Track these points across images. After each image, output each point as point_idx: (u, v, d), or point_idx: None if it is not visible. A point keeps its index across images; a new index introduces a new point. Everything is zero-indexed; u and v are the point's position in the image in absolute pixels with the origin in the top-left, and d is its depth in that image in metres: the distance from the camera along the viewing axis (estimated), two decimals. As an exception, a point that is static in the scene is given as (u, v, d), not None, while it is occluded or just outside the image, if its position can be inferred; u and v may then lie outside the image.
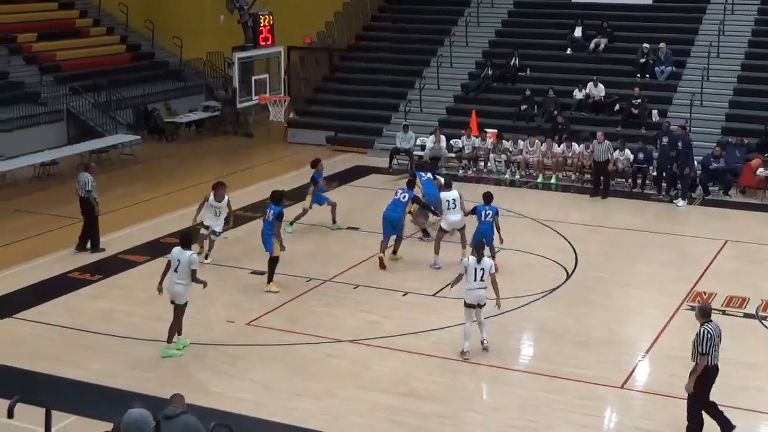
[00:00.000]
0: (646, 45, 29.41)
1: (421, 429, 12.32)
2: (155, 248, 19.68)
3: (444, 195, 18.75)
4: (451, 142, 27.08)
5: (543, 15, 33.32)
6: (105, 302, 16.80)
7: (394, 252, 18.85)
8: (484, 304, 14.50)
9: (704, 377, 11.67)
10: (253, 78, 23.61)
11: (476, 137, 26.78)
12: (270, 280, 17.20)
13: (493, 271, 14.52)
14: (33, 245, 20.05)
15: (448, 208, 18.50)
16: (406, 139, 27.21)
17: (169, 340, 14.46)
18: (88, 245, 19.48)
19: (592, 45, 30.90)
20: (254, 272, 17.81)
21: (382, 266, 18.26)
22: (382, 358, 14.50)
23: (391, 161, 27.11)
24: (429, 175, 20.56)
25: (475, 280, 14.34)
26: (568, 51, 31.29)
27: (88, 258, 19.02)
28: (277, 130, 31.42)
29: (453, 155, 26.93)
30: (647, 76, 29.23)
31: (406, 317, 16.04)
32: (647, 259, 19.32)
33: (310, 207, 20.57)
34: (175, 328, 14.46)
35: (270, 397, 13.20)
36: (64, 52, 32.93)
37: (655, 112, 27.58)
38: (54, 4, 35.39)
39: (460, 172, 26.43)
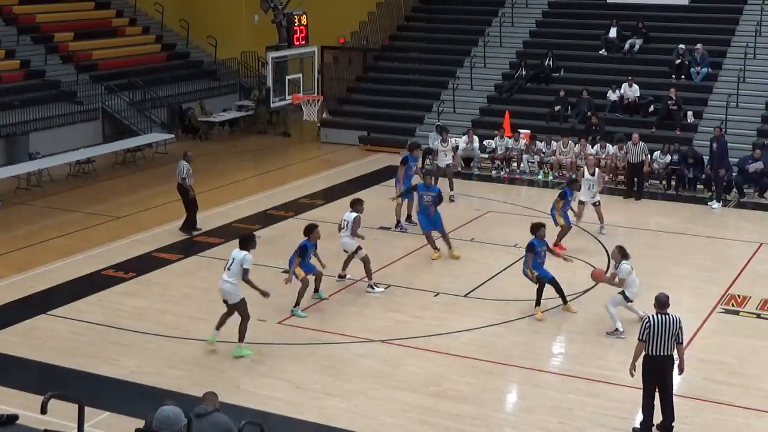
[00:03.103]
0: (682, 46, 29.20)
1: (451, 430, 12.30)
2: (189, 246, 19.83)
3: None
4: (484, 142, 27.05)
5: (577, 15, 33.23)
6: (139, 300, 16.93)
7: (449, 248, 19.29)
8: None
9: (644, 366, 11.84)
10: (287, 77, 23.68)
11: (509, 138, 26.72)
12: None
13: None
14: (68, 242, 20.24)
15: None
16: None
17: (242, 337, 14.41)
18: (198, 225, 20.65)
19: (626, 46, 30.73)
20: (285, 271, 17.84)
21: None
22: (413, 358, 14.50)
23: (423, 161, 27.08)
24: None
25: None
26: (603, 52, 31.13)
27: (122, 255, 19.18)
28: (311, 129, 31.52)
29: (486, 156, 26.89)
30: (682, 77, 29.03)
31: (437, 317, 16.04)
32: (681, 261, 19.19)
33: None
34: (245, 326, 14.38)
35: (301, 396, 13.24)
36: (100, 51, 33.26)
37: (690, 113, 27.40)
38: (90, 3, 35.76)
39: (493, 172, 26.40)
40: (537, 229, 16.16)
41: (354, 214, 17.26)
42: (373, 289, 17.19)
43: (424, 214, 19.01)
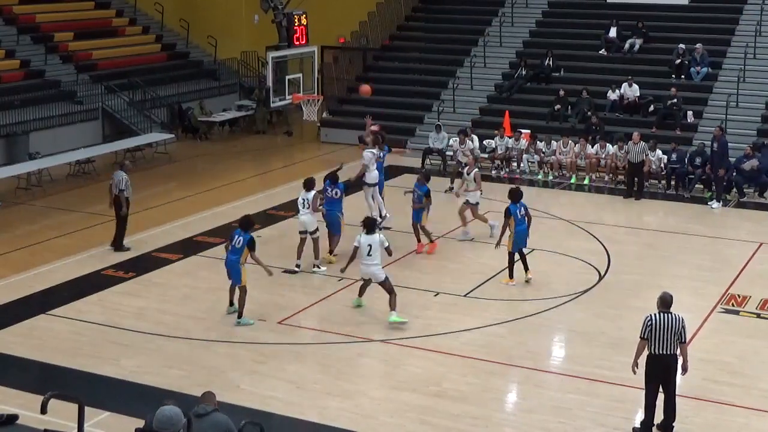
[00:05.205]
0: (681, 46, 29.21)
1: (451, 430, 12.29)
2: (189, 246, 19.82)
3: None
4: (484, 142, 27.03)
5: (577, 15, 33.24)
6: (138, 300, 16.92)
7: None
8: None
9: (647, 365, 11.85)
10: (287, 77, 23.66)
11: (509, 138, 26.72)
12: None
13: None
14: (68, 242, 20.23)
15: None
16: (439, 139, 27.19)
17: (393, 307, 15.43)
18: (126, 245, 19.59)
19: (626, 45, 30.74)
20: (286, 271, 17.87)
21: None
22: (413, 358, 14.49)
23: (423, 161, 27.10)
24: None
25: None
26: (603, 51, 31.13)
27: (122, 255, 19.15)
28: (311, 129, 31.52)
29: (486, 156, 26.87)
30: (682, 77, 29.03)
31: (437, 317, 16.03)
32: (681, 261, 19.19)
33: None
34: (394, 298, 15.46)
35: (301, 395, 13.23)
36: (100, 51, 33.24)
37: (690, 113, 27.41)
38: (90, 3, 35.75)
39: (493, 172, 26.38)
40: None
41: (312, 192, 18.13)
42: (319, 268, 18.10)
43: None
